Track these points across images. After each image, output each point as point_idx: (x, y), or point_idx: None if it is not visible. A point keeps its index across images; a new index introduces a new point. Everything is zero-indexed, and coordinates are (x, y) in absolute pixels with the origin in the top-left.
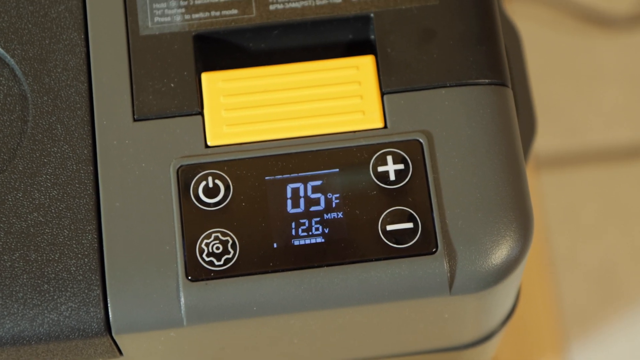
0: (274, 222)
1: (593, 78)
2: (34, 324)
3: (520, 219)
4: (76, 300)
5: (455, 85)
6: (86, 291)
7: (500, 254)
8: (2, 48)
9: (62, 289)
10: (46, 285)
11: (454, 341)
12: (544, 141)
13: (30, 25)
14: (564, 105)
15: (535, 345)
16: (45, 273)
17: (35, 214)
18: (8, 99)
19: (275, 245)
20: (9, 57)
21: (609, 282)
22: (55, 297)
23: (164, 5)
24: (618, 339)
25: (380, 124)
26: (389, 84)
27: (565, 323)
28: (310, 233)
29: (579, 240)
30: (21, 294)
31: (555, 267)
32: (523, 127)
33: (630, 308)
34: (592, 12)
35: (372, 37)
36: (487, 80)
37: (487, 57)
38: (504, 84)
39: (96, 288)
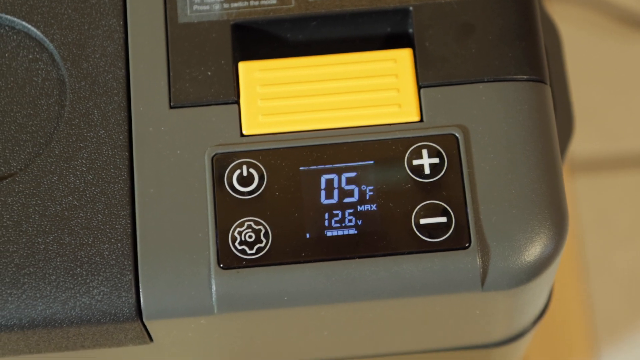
0: (307, 213)
1: (632, 83)
2: (66, 306)
3: (554, 216)
4: (108, 285)
5: (493, 81)
6: (118, 276)
7: (534, 251)
8: (42, 32)
9: (95, 273)
10: (79, 269)
11: (485, 339)
12: (580, 145)
13: (70, 11)
14: (601, 109)
15: (566, 349)
16: (79, 257)
17: (70, 198)
18: (46, 83)
19: (307, 235)
20: (48, 41)
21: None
22: (88, 280)
23: None
24: None
25: (417, 118)
26: (426, 78)
27: (596, 328)
28: (343, 224)
29: (613, 245)
30: (54, 277)
31: (588, 272)
32: (560, 126)
33: None
34: (635, 15)
35: (411, 30)
36: (525, 77)
37: (525, 53)
38: (542, 81)
39: (128, 273)
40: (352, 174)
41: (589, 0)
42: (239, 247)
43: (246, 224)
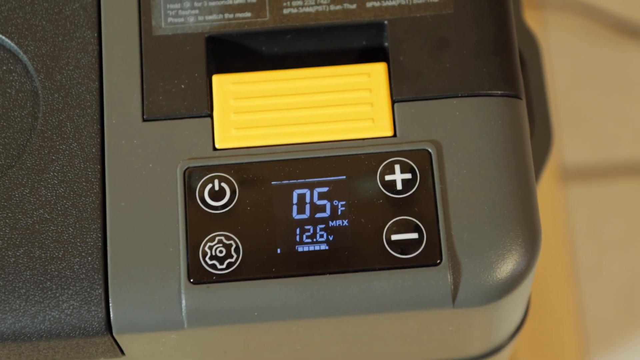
0: (279, 228)
1: (625, 91)
2: (35, 320)
3: (527, 233)
4: (78, 299)
5: (467, 96)
6: (88, 290)
7: (506, 268)
8: (16, 44)
9: (65, 287)
10: (49, 283)
11: (461, 353)
12: (573, 152)
13: (44, 22)
14: (594, 117)
15: (557, 356)
16: (49, 270)
17: (41, 211)
18: (20, 95)
19: (279, 250)
20: (22, 53)
21: (633, 298)
22: (58, 294)
23: (177, 6)
24: (639, 354)
25: (390, 132)
26: (400, 92)
27: (587, 337)
28: (314, 240)
29: (605, 254)
30: (24, 290)
31: (579, 280)
32: (538, 138)
33: None
34: (627, 23)
35: (385, 44)
36: (499, 92)
37: (500, 68)
38: (516, 96)
39: (98, 287)
40: (324, 189)
41: (583, 8)
42: (210, 262)
43: (217, 238)
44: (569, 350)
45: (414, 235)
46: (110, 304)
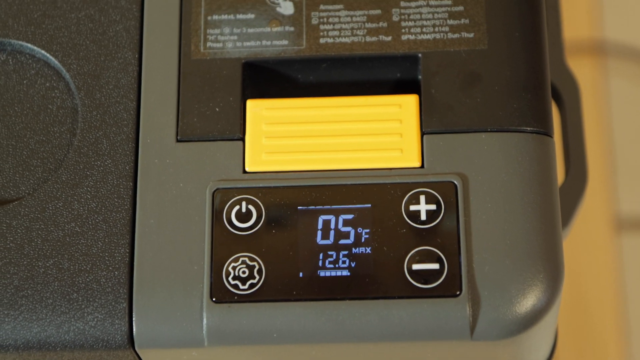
0: (302, 252)
1: None
2: (60, 330)
3: (548, 269)
4: (103, 312)
5: (496, 131)
6: (113, 303)
7: (526, 303)
8: (60, 62)
9: (91, 299)
10: (75, 294)
11: None
12: (627, 203)
13: (88, 42)
14: None
15: None
16: (76, 282)
17: (73, 224)
18: (60, 111)
19: (301, 274)
20: (65, 70)
21: None
22: (83, 306)
23: (217, 31)
24: None
25: (417, 163)
26: (430, 125)
27: None
28: (336, 265)
29: None
30: (51, 301)
31: (630, 331)
32: (573, 179)
33: None
34: None
35: (419, 76)
36: (529, 129)
37: (531, 105)
38: (546, 134)
39: (123, 301)
40: (349, 216)
41: (633, 54)
42: (232, 282)
43: (241, 259)
44: None
45: (435, 266)
46: (134, 319)
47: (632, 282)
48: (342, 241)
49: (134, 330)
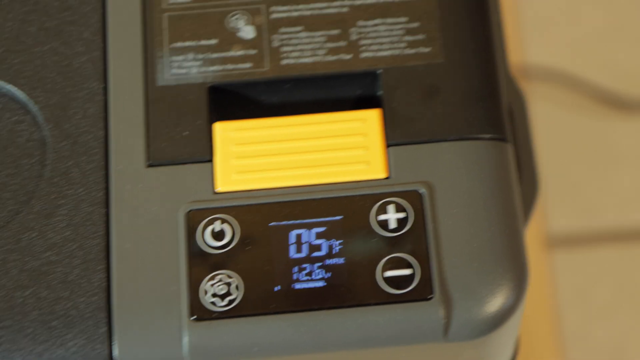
0: (277, 266)
1: (608, 160)
2: (42, 359)
3: (515, 269)
4: (83, 337)
5: (457, 140)
6: (93, 329)
7: (496, 302)
8: (27, 95)
9: (71, 326)
10: (55, 322)
11: None
12: (558, 221)
13: (54, 75)
14: (578, 186)
15: None
16: (55, 310)
17: (49, 253)
18: (29, 143)
19: (277, 288)
20: (32, 103)
21: None
22: (63, 333)
23: (181, 58)
24: None
25: (384, 175)
26: (394, 137)
27: None
28: (311, 277)
29: (591, 319)
30: (31, 330)
31: (566, 346)
32: (526, 186)
33: None
34: (609, 94)
35: (379, 92)
36: (487, 136)
37: (488, 113)
38: (504, 140)
39: (103, 326)
40: (321, 229)
41: (566, 80)
42: (211, 300)
43: (218, 277)
44: None
45: (407, 272)
46: (114, 342)
47: (565, 298)
48: (315, 253)
49: (116, 354)
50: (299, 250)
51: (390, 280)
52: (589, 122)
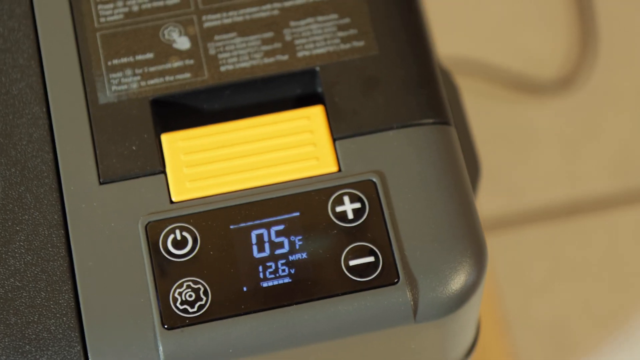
0: (242, 267)
1: (527, 142)
2: None
3: (474, 246)
4: (58, 358)
5: (402, 127)
6: (67, 348)
7: (459, 280)
8: None
9: (44, 349)
10: (28, 346)
11: None
12: (487, 205)
13: None
14: (503, 170)
15: None
16: (26, 334)
17: (12, 280)
18: None
19: (245, 288)
20: None
21: (562, 337)
22: (38, 356)
23: (120, 74)
24: None
25: (335, 168)
26: (339, 130)
27: None
28: (277, 274)
29: (530, 297)
30: (4, 357)
31: (510, 325)
32: (468, 167)
33: (584, 359)
34: (522, 79)
35: (319, 89)
36: (431, 120)
37: (428, 98)
38: (447, 123)
39: (76, 345)
40: (280, 227)
41: (478, 69)
42: (181, 307)
43: (185, 284)
44: None
45: (371, 259)
46: None
47: (504, 278)
48: (277, 251)
49: None
50: (261, 250)
51: (355, 269)
52: (504, 108)
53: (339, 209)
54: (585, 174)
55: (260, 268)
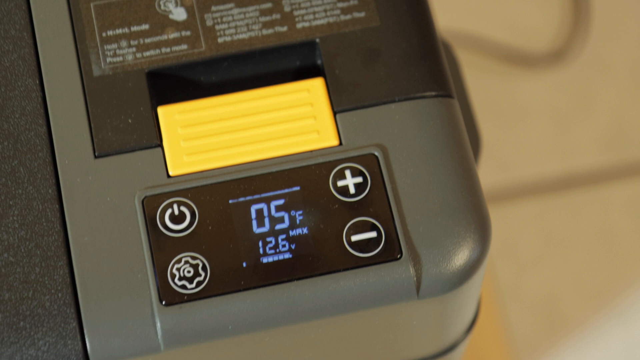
0: (242, 243)
1: (518, 116)
2: None
3: (478, 220)
4: (53, 335)
5: (404, 100)
6: (62, 325)
7: (463, 255)
8: None
9: (39, 325)
10: (22, 323)
11: (421, 352)
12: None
13: None
14: (494, 144)
15: None
16: (20, 311)
17: (6, 255)
18: None
19: (244, 264)
20: None
21: (553, 310)
22: (32, 333)
23: (115, 46)
24: None
25: (336, 142)
26: (340, 103)
27: (515, 353)
28: (277, 250)
29: (522, 271)
30: None
31: (502, 300)
32: (469, 140)
33: (576, 334)
34: (513, 52)
35: (319, 61)
36: (433, 93)
37: (431, 71)
38: (449, 95)
39: (72, 321)
40: (280, 202)
41: (469, 42)
42: (179, 283)
43: (183, 259)
44: None
45: (373, 234)
46: (86, 336)
47: (496, 252)
48: (278, 226)
49: (88, 347)
50: (261, 225)
51: (357, 245)
52: (495, 80)
53: (340, 183)
54: (577, 148)
55: (260, 243)
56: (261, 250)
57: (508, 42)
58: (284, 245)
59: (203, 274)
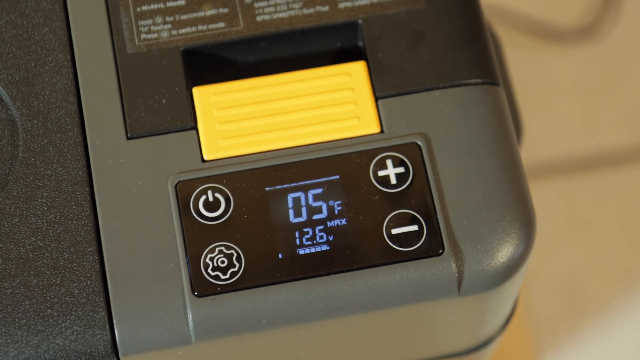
0: (278, 233)
1: (547, 91)
2: (39, 350)
3: (523, 216)
4: (81, 324)
5: (449, 87)
6: (91, 314)
7: (507, 252)
8: None
9: (66, 313)
10: (49, 310)
11: (456, 347)
12: None
13: (14, 49)
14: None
15: (510, 356)
16: (48, 298)
17: (33, 239)
18: None
19: (280, 255)
20: None
21: (576, 292)
22: (60, 321)
23: (149, 22)
24: (590, 347)
25: (377, 129)
26: (382, 89)
27: (538, 335)
28: (315, 241)
29: (545, 253)
30: (24, 321)
31: (524, 281)
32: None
33: (599, 316)
34: (543, 26)
35: (361, 43)
36: (479, 80)
37: (477, 57)
38: (495, 83)
39: (101, 310)
40: (319, 190)
41: (498, 15)
42: (212, 274)
43: (217, 249)
44: (521, 348)
45: (414, 228)
46: (115, 326)
47: None
48: (315, 216)
49: (117, 338)
50: (298, 214)
51: (397, 238)
52: (521, 55)
53: (381, 173)
54: (604, 127)
55: (297, 234)
56: (298, 242)
57: (537, 15)
58: (321, 237)
59: (237, 265)
